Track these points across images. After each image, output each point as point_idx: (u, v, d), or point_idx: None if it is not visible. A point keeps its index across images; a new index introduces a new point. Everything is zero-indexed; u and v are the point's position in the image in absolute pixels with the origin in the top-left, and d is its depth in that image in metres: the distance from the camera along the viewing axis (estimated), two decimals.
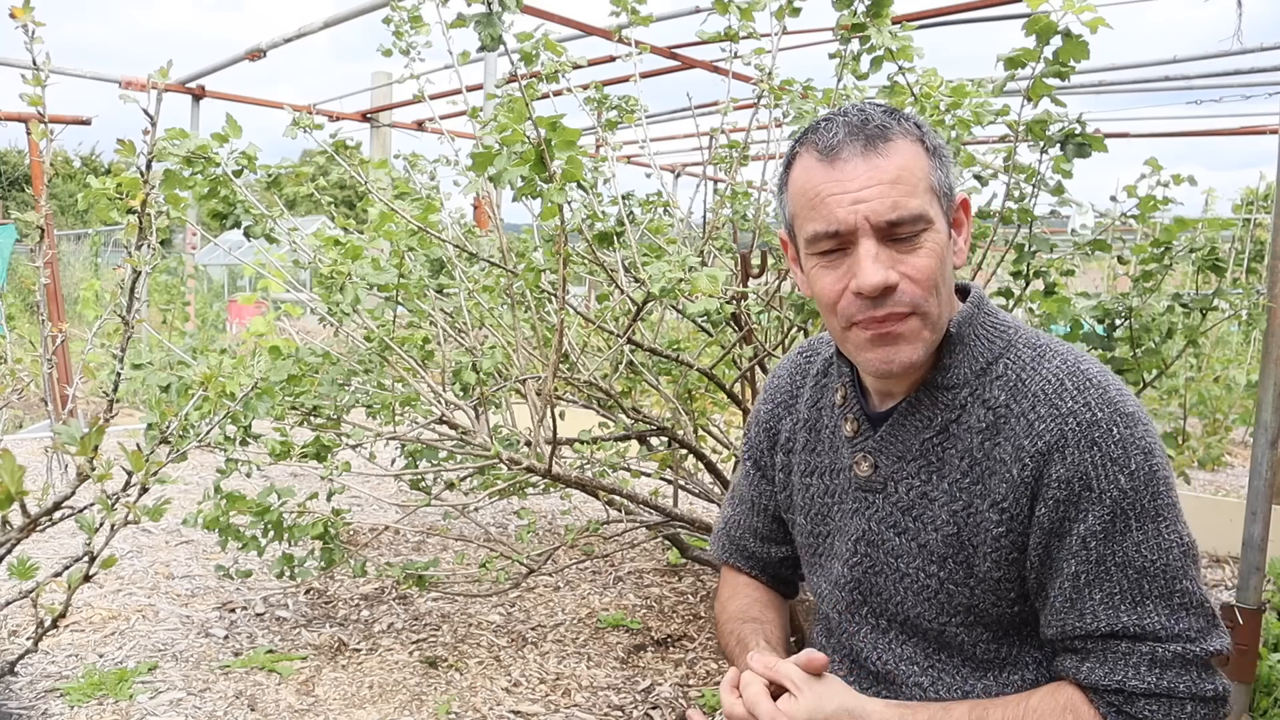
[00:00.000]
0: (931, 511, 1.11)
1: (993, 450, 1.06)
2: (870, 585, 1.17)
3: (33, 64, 1.94)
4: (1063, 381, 1.04)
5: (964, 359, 1.10)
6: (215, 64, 6.28)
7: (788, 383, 1.35)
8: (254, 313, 7.03)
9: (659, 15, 4.23)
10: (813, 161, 1.07)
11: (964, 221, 1.14)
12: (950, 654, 1.14)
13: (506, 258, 2.62)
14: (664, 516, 2.91)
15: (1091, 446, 1.00)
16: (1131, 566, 1.00)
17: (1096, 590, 1.01)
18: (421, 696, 2.51)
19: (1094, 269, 7.71)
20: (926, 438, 1.11)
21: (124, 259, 2.05)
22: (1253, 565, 2.34)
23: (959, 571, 1.09)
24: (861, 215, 1.02)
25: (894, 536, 1.14)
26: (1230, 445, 6.09)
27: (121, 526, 2.04)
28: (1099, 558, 1.01)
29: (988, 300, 1.16)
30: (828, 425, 1.25)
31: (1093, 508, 1.00)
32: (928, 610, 1.12)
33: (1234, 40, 3.49)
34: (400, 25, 2.74)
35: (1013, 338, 1.12)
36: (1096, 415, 1.01)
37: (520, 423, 3.11)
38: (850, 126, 1.06)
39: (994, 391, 1.08)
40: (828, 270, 1.07)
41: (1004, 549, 1.06)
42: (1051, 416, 1.02)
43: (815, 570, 1.28)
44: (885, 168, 1.03)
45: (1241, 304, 2.58)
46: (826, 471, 1.24)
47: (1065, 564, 1.02)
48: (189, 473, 4.99)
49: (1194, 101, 5.63)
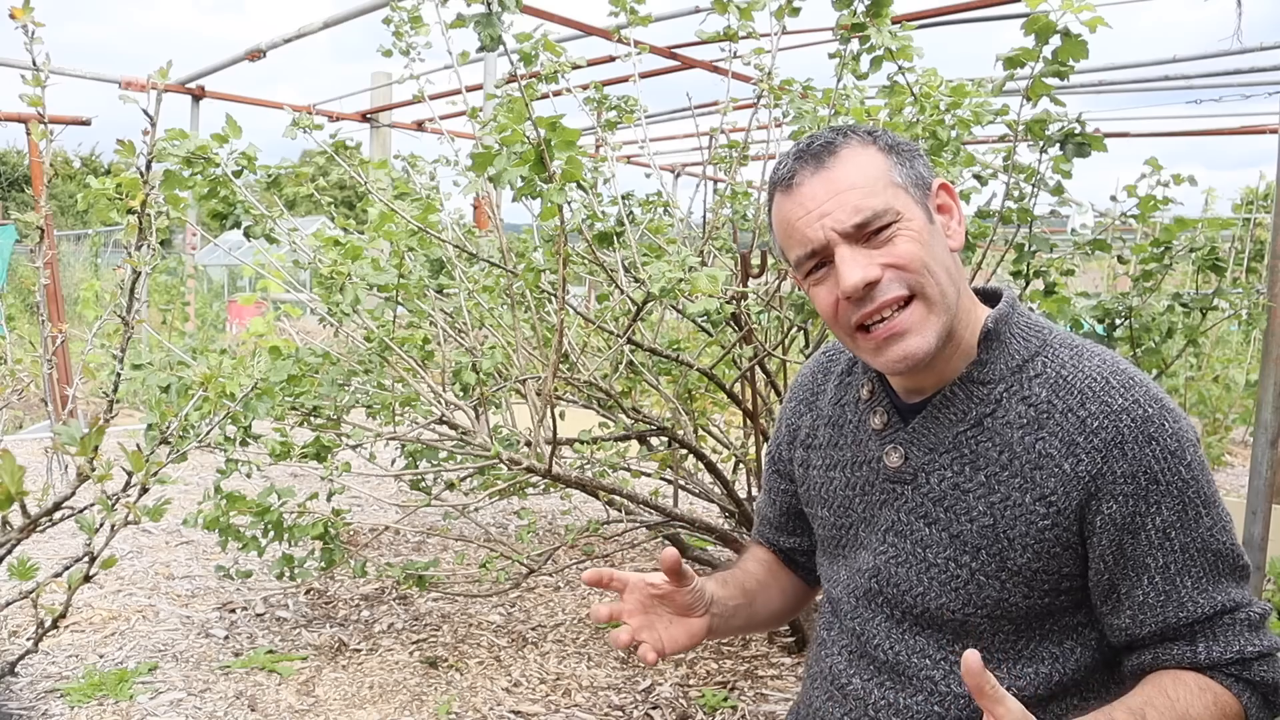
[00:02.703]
0: (966, 503, 1.12)
1: (1036, 444, 1.08)
2: (890, 575, 1.19)
3: (33, 64, 1.94)
4: (1107, 379, 1.08)
5: (1000, 355, 1.14)
6: (215, 64, 6.28)
7: (810, 380, 1.39)
8: (254, 313, 7.03)
9: (658, 15, 4.23)
10: (780, 198, 1.16)
11: (951, 205, 1.18)
12: (965, 645, 1.14)
13: (506, 258, 2.62)
14: (664, 516, 2.91)
15: (1150, 441, 1.04)
16: (1209, 550, 1.06)
17: (1187, 578, 1.06)
18: (422, 696, 2.51)
19: (1094, 269, 7.72)
20: (960, 430, 1.14)
21: (124, 259, 2.05)
22: (1253, 565, 2.34)
23: (991, 563, 1.11)
24: (828, 228, 1.09)
25: (924, 527, 1.16)
26: (1230, 445, 6.09)
27: (121, 527, 2.04)
28: (1182, 546, 1.05)
29: (1019, 302, 1.20)
30: (851, 420, 1.28)
31: (1164, 500, 1.04)
32: (953, 601, 1.14)
33: (1234, 40, 3.49)
34: (400, 25, 2.74)
35: (1048, 337, 1.15)
36: (1148, 411, 1.05)
37: (520, 423, 3.11)
38: (800, 155, 1.14)
39: (1034, 388, 1.11)
40: (820, 286, 1.13)
41: (1047, 542, 1.08)
42: (1104, 413, 1.06)
43: (836, 560, 1.30)
44: (838, 178, 1.10)
45: (1241, 304, 2.58)
46: (849, 465, 1.26)
47: (1150, 558, 1.06)
48: (189, 473, 4.99)
49: (1194, 101, 5.64)
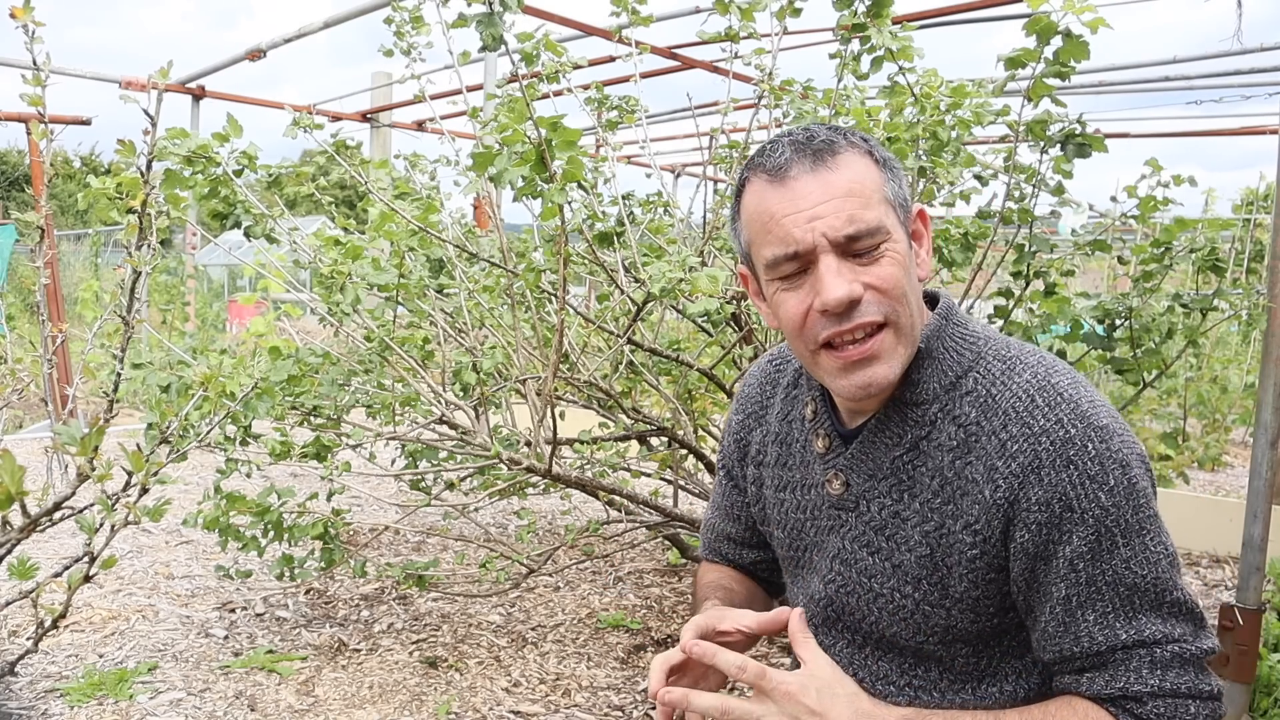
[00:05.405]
0: (904, 531, 1.08)
1: (964, 469, 1.03)
2: (843, 604, 1.15)
3: (33, 64, 1.94)
4: (1033, 398, 1.01)
5: (932, 373, 1.07)
6: (215, 64, 6.27)
7: (758, 393, 1.32)
8: (254, 313, 7.02)
9: (659, 15, 4.23)
10: (763, 185, 1.04)
11: (923, 233, 1.11)
12: (928, 669, 1.11)
13: (506, 258, 2.62)
14: (664, 516, 2.92)
15: (1068, 465, 0.98)
16: (1122, 584, 0.98)
17: (1089, 611, 0.99)
18: (421, 697, 2.51)
19: (1094, 269, 7.71)
20: (897, 455, 1.08)
21: (124, 259, 2.05)
22: (1253, 565, 2.34)
23: (934, 593, 1.06)
24: (819, 233, 1.00)
25: (867, 556, 1.11)
26: (1230, 445, 6.09)
27: (121, 527, 2.04)
28: (1088, 579, 0.98)
29: (957, 310, 1.13)
30: (798, 439, 1.22)
31: (1076, 529, 0.98)
32: (904, 629, 1.10)
33: (1234, 40, 3.49)
34: (401, 25, 2.75)
35: (982, 349, 1.08)
36: (1070, 432, 0.98)
37: (520, 423, 3.11)
38: (796, 145, 1.04)
39: (964, 408, 1.05)
40: (790, 293, 1.04)
41: (979, 570, 1.04)
42: (1024, 436, 0.99)
43: (796, 582, 1.26)
44: (836, 182, 1.01)
45: (1241, 304, 2.58)
46: (799, 487, 1.21)
47: (1054, 587, 1.00)
48: (189, 473, 4.99)
49: (1194, 102, 5.63)
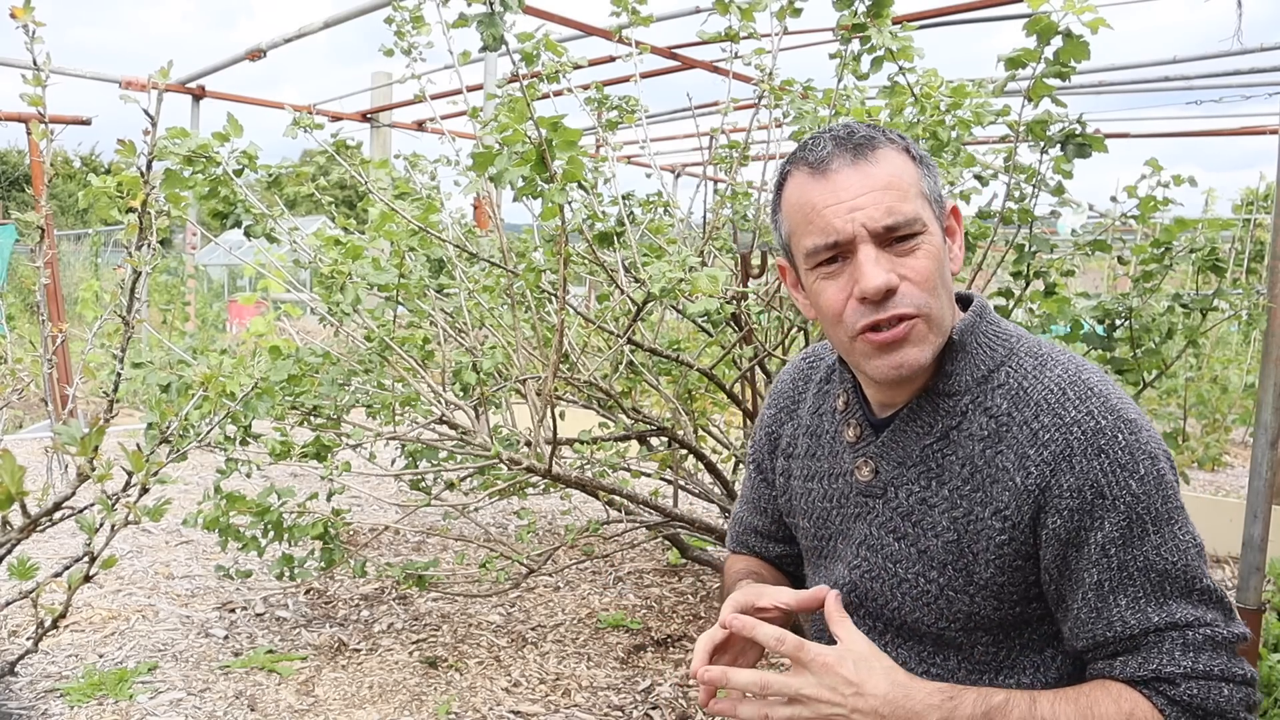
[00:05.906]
0: (931, 518, 1.11)
1: (995, 458, 1.07)
2: (867, 589, 1.18)
3: (33, 64, 1.94)
4: (1065, 390, 1.05)
5: (965, 366, 1.12)
6: (215, 64, 6.27)
7: (790, 388, 1.37)
8: (254, 313, 7.03)
9: (659, 15, 4.23)
10: (804, 178, 1.09)
11: (956, 229, 1.16)
12: (946, 657, 1.14)
13: (507, 258, 2.62)
14: (664, 517, 2.91)
15: (1099, 454, 1.01)
16: (1153, 570, 1.01)
17: (1121, 596, 1.02)
18: (421, 696, 2.51)
19: (1094, 269, 7.72)
20: (927, 444, 1.12)
21: (124, 259, 2.05)
22: (1253, 565, 2.34)
23: (959, 578, 1.10)
24: (859, 223, 1.04)
25: (893, 542, 1.15)
26: (1230, 445, 6.09)
27: (121, 527, 2.04)
28: (1120, 564, 1.02)
29: (990, 309, 1.18)
30: (829, 431, 1.27)
31: (1108, 515, 1.01)
32: (926, 615, 1.13)
33: (1234, 40, 3.49)
34: (402, 25, 2.74)
35: (1014, 346, 1.13)
36: (1100, 423, 1.02)
37: (520, 423, 3.11)
38: (837, 140, 1.08)
39: (996, 400, 1.09)
40: (829, 281, 1.08)
41: (1007, 556, 1.07)
42: (1056, 426, 1.04)
43: (819, 571, 1.29)
44: (876, 175, 1.05)
45: (1241, 304, 2.58)
46: (827, 476, 1.25)
47: (1086, 573, 1.03)
48: (189, 473, 4.99)
49: (1194, 102, 5.63)
